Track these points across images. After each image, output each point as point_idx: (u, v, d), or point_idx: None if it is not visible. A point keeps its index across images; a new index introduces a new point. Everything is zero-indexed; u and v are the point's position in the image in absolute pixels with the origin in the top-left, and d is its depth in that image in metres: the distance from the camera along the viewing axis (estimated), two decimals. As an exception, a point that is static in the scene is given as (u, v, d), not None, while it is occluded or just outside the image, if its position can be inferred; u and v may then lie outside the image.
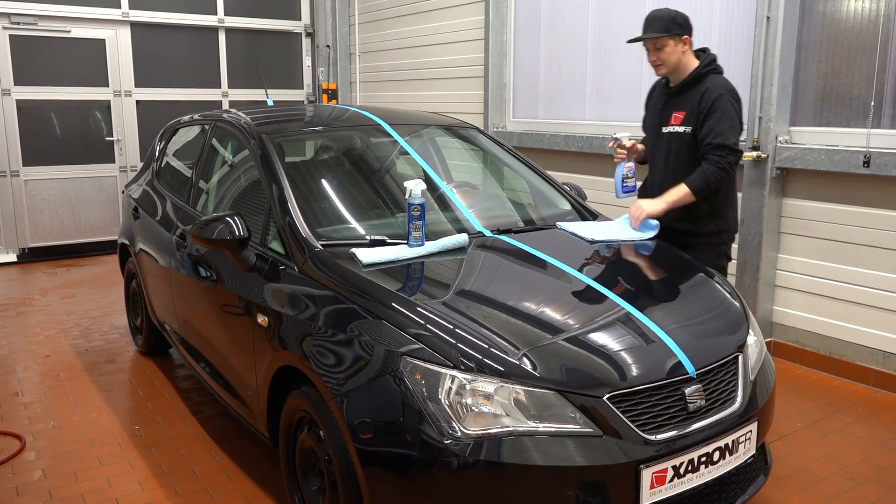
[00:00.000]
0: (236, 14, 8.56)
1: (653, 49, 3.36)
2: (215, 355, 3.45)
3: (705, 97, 3.30)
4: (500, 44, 6.73)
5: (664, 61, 3.37)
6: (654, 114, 3.57)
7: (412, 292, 2.63)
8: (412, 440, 2.17)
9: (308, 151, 3.97)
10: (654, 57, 3.38)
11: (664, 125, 3.47)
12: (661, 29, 3.32)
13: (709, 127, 3.27)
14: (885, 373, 4.21)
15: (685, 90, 3.40)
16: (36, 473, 3.31)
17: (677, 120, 3.40)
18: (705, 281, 2.99)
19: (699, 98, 3.32)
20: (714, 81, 3.35)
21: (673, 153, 3.44)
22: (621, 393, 2.23)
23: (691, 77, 3.38)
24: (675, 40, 3.34)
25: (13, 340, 5.15)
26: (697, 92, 3.34)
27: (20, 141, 7.49)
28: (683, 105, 3.39)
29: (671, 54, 3.35)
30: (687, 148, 3.38)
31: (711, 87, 3.31)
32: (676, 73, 3.41)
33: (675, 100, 3.44)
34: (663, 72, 3.42)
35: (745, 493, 2.54)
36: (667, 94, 3.48)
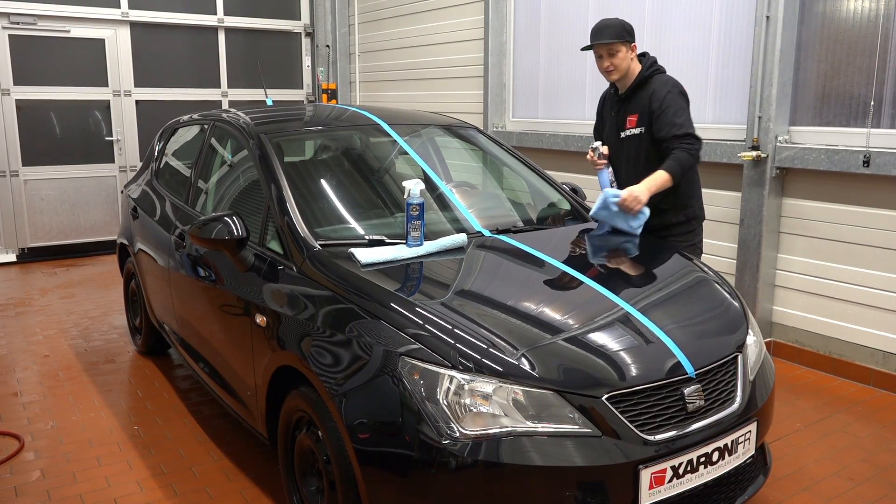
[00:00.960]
0: (236, 14, 8.56)
1: (606, 55, 3.50)
2: (214, 355, 3.45)
3: (655, 96, 3.45)
4: (500, 43, 6.72)
5: (616, 66, 3.50)
6: (610, 122, 3.71)
7: (411, 292, 2.63)
8: (410, 440, 2.17)
9: (307, 151, 3.97)
10: (608, 63, 3.50)
11: (621, 130, 3.61)
12: (614, 35, 3.46)
13: (668, 122, 3.41)
14: (884, 373, 4.21)
15: (634, 94, 3.56)
16: (35, 473, 3.31)
17: (632, 123, 3.56)
18: (704, 281, 2.99)
19: (649, 98, 3.48)
20: (659, 80, 3.51)
21: (634, 155, 3.57)
22: (620, 393, 2.22)
23: (638, 81, 3.54)
24: (626, 47, 3.49)
25: (12, 340, 5.15)
26: (646, 93, 3.50)
27: (20, 141, 7.49)
28: (635, 108, 3.54)
29: (623, 60, 3.50)
30: (646, 147, 3.51)
31: (658, 87, 3.48)
32: (625, 78, 3.55)
33: (627, 104, 3.59)
34: (615, 77, 3.54)
35: (745, 493, 2.54)
36: (619, 100, 3.63)
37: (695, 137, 3.44)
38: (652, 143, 3.49)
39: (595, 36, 3.51)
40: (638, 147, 3.55)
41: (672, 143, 3.40)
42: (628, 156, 3.61)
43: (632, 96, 3.57)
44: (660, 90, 3.46)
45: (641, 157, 3.54)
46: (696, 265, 3.13)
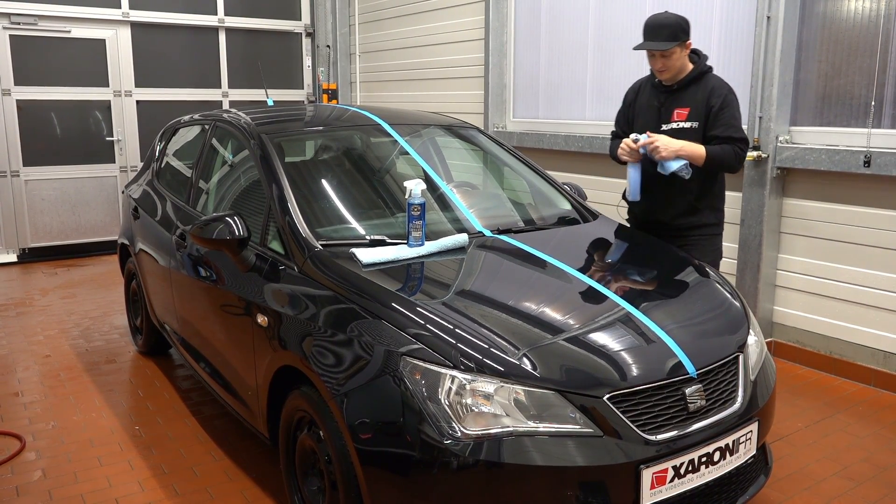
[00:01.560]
0: (236, 14, 8.56)
1: (659, 56, 3.38)
2: (215, 355, 3.45)
3: (715, 94, 3.38)
4: (501, 44, 6.72)
5: (669, 67, 3.40)
6: (648, 113, 3.59)
7: (412, 292, 2.63)
8: (412, 440, 2.17)
9: (308, 151, 3.97)
10: (661, 64, 3.41)
11: (664, 122, 3.50)
12: (670, 37, 3.33)
13: (726, 122, 3.37)
14: (885, 373, 4.21)
15: (686, 88, 3.46)
16: (36, 473, 3.31)
17: (681, 116, 3.46)
18: (705, 281, 2.99)
19: (707, 95, 3.40)
20: (716, 80, 3.45)
21: None
22: (621, 393, 2.22)
23: (693, 76, 3.44)
24: (682, 47, 3.38)
25: (13, 340, 5.15)
26: (702, 89, 3.42)
27: (20, 141, 7.49)
28: (687, 102, 3.45)
29: (677, 61, 3.39)
30: (693, 142, 3.42)
31: (717, 86, 3.41)
32: (678, 74, 3.46)
33: (676, 97, 3.48)
34: (666, 76, 3.45)
35: (746, 493, 2.54)
36: (664, 92, 3.52)
37: (746, 143, 3.42)
38: (699, 139, 3.42)
39: (649, 35, 3.38)
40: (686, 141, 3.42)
41: (726, 142, 3.37)
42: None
43: (683, 89, 3.46)
44: (719, 88, 3.40)
45: None
46: (696, 265, 3.14)
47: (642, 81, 3.70)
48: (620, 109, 3.83)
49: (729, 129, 3.38)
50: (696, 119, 3.43)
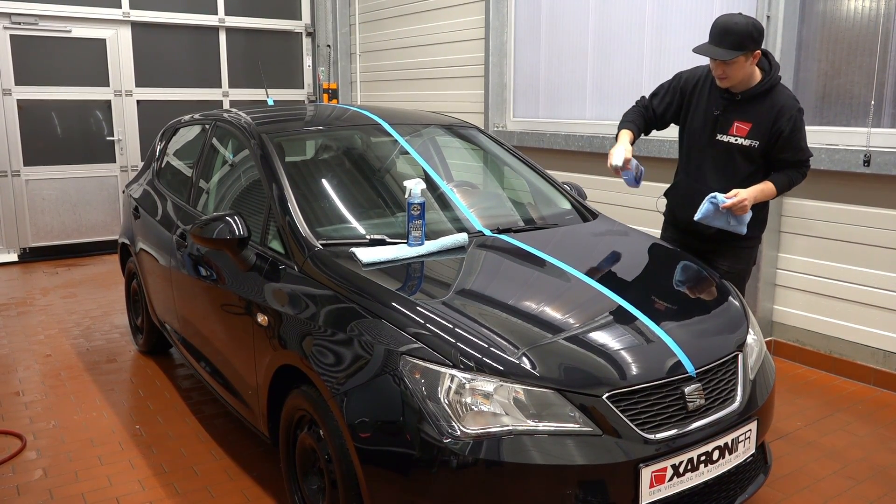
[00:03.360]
0: (237, 14, 8.56)
1: (720, 63, 3.12)
2: (215, 355, 3.46)
3: (784, 114, 3.13)
4: (501, 43, 6.73)
5: (730, 76, 3.13)
6: (703, 116, 3.31)
7: (412, 292, 2.64)
8: (412, 439, 2.18)
9: (308, 151, 3.98)
10: (721, 71, 3.13)
11: (721, 133, 3.25)
12: (734, 46, 3.03)
13: (796, 146, 3.18)
14: (885, 372, 4.21)
15: (752, 100, 3.19)
16: (37, 472, 3.32)
17: (741, 131, 3.20)
18: (705, 280, 3.00)
19: (774, 115, 3.14)
20: (784, 96, 3.19)
21: (730, 163, 3.26)
22: (621, 392, 2.23)
23: (763, 88, 3.17)
24: (747, 56, 3.07)
25: (14, 340, 5.16)
26: (769, 106, 3.16)
27: (21, 141, 7.50)
28: (750, 116, 3.19)
29: (739, 70, 3.11)
30: (749, 160, 3.23)
31: (787, 103, 3.15)
32: (741, 84, 3.19)
33: (739, 107, 3.21)
34: (726, 85, 3.18)
35: (745, 492, 2.55)
36: (727, 99, 3.23)
37: (809, 164, 3.26)
38: (759, 158, 3.21)
39: (714, 39, 3.09)
40: (739, 158, 3.24)
41: (794, 166, 3.21)
42: (718, 162, 3.29)
43: (748, 102, 3.18)
44: (789, 108, 3.13)
45: (739, 170, 3.25)
46: (696, 265, 3.14)
47: (702, 75, 3.36)
48: (665, 86, 3.47)
49: (798, 153, 3.19)
50: (758, 138, 3.17)
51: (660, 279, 3.02)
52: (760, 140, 3.18)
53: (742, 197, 3.12)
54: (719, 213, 3.18)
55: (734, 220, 3.19)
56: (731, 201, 3.12)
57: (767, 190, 3.20)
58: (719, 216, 3.19)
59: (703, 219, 3.20)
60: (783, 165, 3.23)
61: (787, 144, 3.17)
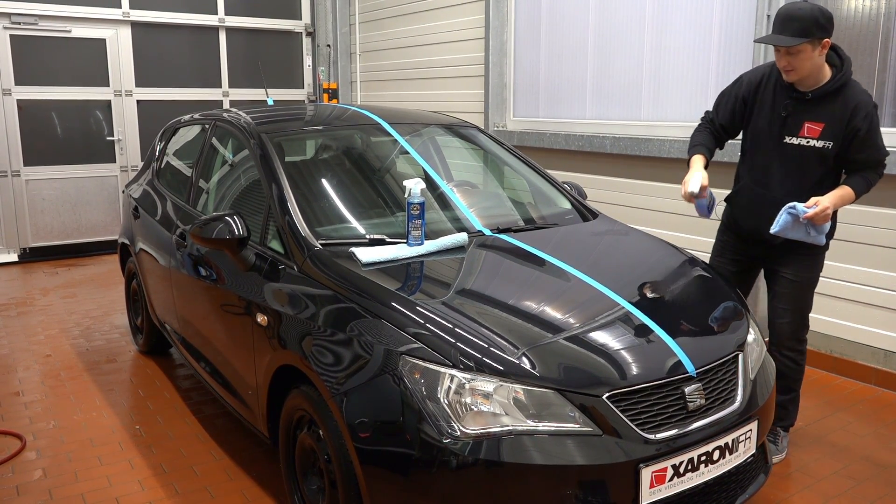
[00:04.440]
0: (237, 13, 8.56)
1: (785, 53, 2.91)
2: (215, 355, 3.45)
3: (860, 113, 2.93)
4: (501, 43, 6.72)
5: (796, 68, 2.92)
6: (771, 117, 3.11)
7: (411, 291, 2.63)
8: (411, 439, 2.17)
9: (308, 151, 3.98)
10: (786, 62, 2.92)
11: (790, 135, 3.06)
12: (798, 32, 2.83)
13: (873, 145, 2.99)
14: (885, 371, 4.21)
15: (823, 98, 2.99)
16: (36, 473, 3.32)
17: (813, 132, 3.00)
18: (705, 280, 2.99)
19: (849, 113, 2.94)
20: (857, 92, 2.98)
21: (801, 167, 3.07)
22: (621, 392, 2.22)
23: (836, 86, 2.97)
24: (814, 45, 2.86)
25: (14, 340, 5.16)
26: (842, 104, 2.96)
27: (21, 141, 7.49)
28: (822, 116, 2.99)
29: (806, 60, 2.89)
30: (822, 163, 3.04)
31: (862, 100, 2.95)
32: (809, 78, 2.98)
33: (809, 107, 3.01)
34: (793, 78, 2.97)
35: (746, 492, 2.54)
36: (796, 99, 3.03)
37: (884, 163, 3.05)
38: (832, 160, 3.03)
39: (777, 28, 2.90)
40: (811, 161, 3.04)
41: (870, 166, 3.03)
42: (789, 165, 3.09)
43: (819, 100, 2.99)
44: (865, 105, 2.93)
45: (810, 173, 3.06)
46: (696, 264, 3.13)
47: (765, 73, 3.15)
48: (726, 95, 3.27)
49: (876, 153, 3.00)
50: (832, 139, 2.98)
51: (660, 279, 3.02)
52: (835, 141, 2.98)
53: (824, 205, 2.91)
54: (798, 225, 2.97)
55: (814, 230, 2.99)
56: (813, 211, 2.90)
57: (847, 195, 2.99)
58: (798, 227, 2.98)
59: (780, 231, 2.99)
60: (859, 167, 3.03)
61: (864, 144, 2.96)
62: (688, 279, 3.00)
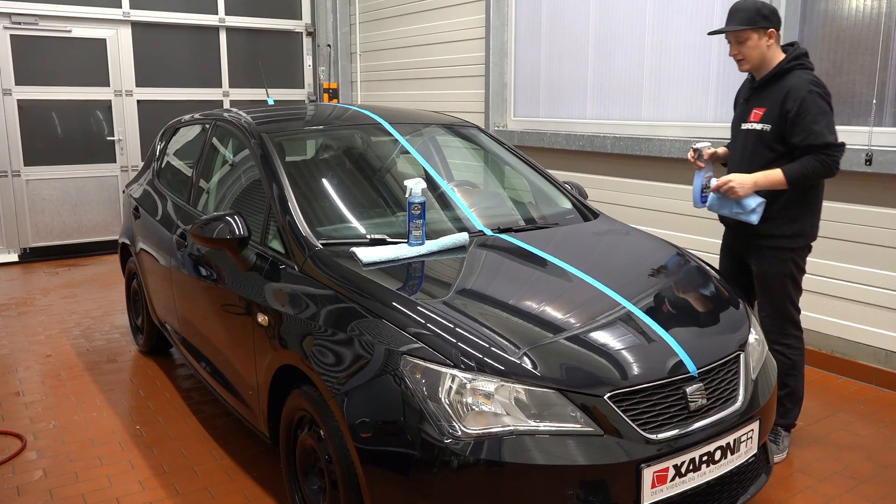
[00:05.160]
0: (237, 13, 8.56)
1: (734, 42, 3.18)
2: (216, 355, 3.45)
3: (791, 96, 3.08)
4: (501, 42, 6.72)
5: (746, 56, 3.17)
6: (738, 109, 3.41)
7: (412, 291, 2.63)
8: (412, 439, 2.17)
9: (308, 151, 3.97)
10: (736, 51, 3.19)
11: (744, 121, 3.30)
12: (743, 21, 3.12)
13: (805, 128, 3.05)
14: (886, 371, 4.20)
15: (768, 85, 3.21)
16: (37, 473, 3.32)
17: (756, 116, 3.22)
18: (706, 279, 2.99)
19: (783, 96, 3.11)
20: (799, 78, 3.12)
21: (752, 152, 3.23)
22: (622, 392, 2.22)
23: (774, 72, 3.18)
24: (760, 34, 3.12)
25: (14, 340, 5.16)
26: (781, 89, 3.13)
27: (21, 141, 7.50)
28: (765, 101, 3.20)
29: (753, 49, 3.15)
30: (763, 146, 3.18)
31: (797, 85, 3.09)
32: (761, 68, 3.21)
33: (758, 95, 3.25)
34: (745, 67, 3.22)
35: (747, 492, 2.54)
36: (751, 89, 3.30)
37: (835, 146, 3.05)
38: (775, 143, 3.15)
39: (726, 20, 3.21)
40: (755, 144, 3.21)
41: (808, 151, 3.06)
42: (744, 151, 3.28)
43: (765, 87, 3.21)
44: (798, 88, 3.07)
45: (756, 156, 3.20)
46: (697, 264, 3.13)
47: (748, 76, 3.43)
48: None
49: (809, 137, 3.04)
50: (769, 122, 3.15)
51: (661, 279, 3.01)
52: (772, 124, 3.13)
53: (726, 179, 3.12)
54: (726, 200, 3.15)
55: (738, 207, 3.15)
56: (715, 182, 3.14)
57: (773, 176, 3.08)
58: (725, 202, 3.16)
59: (709, 206, 3.21)
60: (801, 152, 3.09)
61: (795, 126, 3.07)
62: (689, 279, 3.00)
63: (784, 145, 3.13)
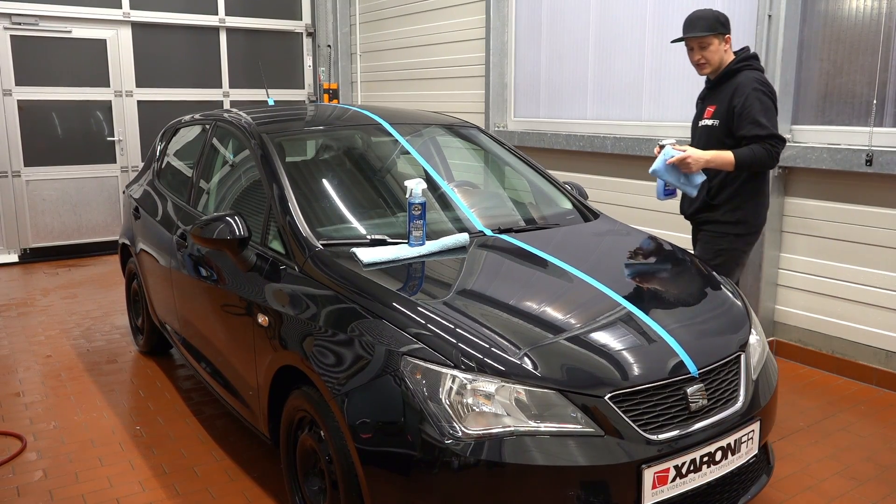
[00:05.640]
0: (237, 14, 8.56)
1: (697, 48, 3.44)
2: (216, 355, 3.45)
3: (738, 92, 3.36)
4: (501, 43, 6.72)
5: (708, 60, 3.45)
6: (698, 108, 3.67)
7: (413, 292, 2.63)
8: (413, 440, 2.17)
9: (309, 151, 3.97)
10: (699, 56, 3.45)
11: (700, 119, 3.58)
12: (706, 28, 3.39)
13: (751, 121, 3.31)
14: (887, 372, 4.20)
15: (719, 84, 3.49)
16: (37, 474, 3.31)
17: (709, 113, 3.50)
18: (707, 280, 2.99)
19: (731, 93, 3.39)
20: (747, 77, 3.39)
21: (702, 145, 3.49)
22: (623, 392, 2.22)
23: (725, 71, 3.46)
24: (719, 39, 3.43)
25: (14, 341, 5.15)
26: (730, 87, 3.42)
27: (21, 141, 7.50)
28: (717, 99, 3.48)
29: (714, 53, 3.43)
30: (716, 141, 3.43)
31: (743, 83, 3.37)
32: (719, 70, 3.49)
33: (712, 94, 3.54)
34: (707, 70, 3.50)
35: (748, 492, 2.54)
36: (707, 87, 3.59)
37: (778, 138, 3.32)
38: (724, 138, 3.41)
39: (687, 28, 3.47)
40: (708, 140, 3.48)
41: (754, 141, 3.32)
42: (700, 146, 3.50)
43: (717, 86, 3.51)
44: (745, 85, 3.36)
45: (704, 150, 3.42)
46: (698, 265, 3.13)
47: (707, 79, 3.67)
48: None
49: (754, 128, 3.30)
50: (719, 117, 3.44)
51: (662, 279, 3.01)
52: (721, 119, 3.42)
53: (689, 153, 3.29)
54: (674, 170, 3.33)
55: (685, 178, 3.35)
56: (678, 156, 3.28)
57: (724, 156, 3.31)
58: (674, 173, 3.35)
59: (657, 172, 3.36)
60: (746, 143, 3.34)
61: (741, 120, 3.33)
62: (689, 279, 3.00)
63: (732, 139, 3.39)
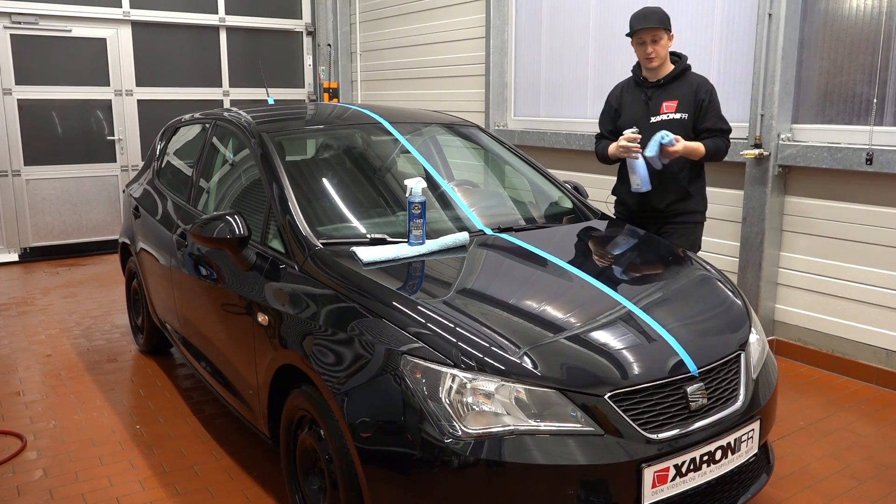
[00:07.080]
0: (237, 13, 8.56)
1: (650, 42, 3.63)
2: (216, 354, 3.45)
3: (702, 89, 3.68)
4: (502, 42, 6.71)
5: (658, 54, 3.65)
6: (636, 108, 3.80)
7: (413, 291, 2.63)
8: (413, 439, 2.17)
9: (309, 150, 3.97)
10: (651, 50, 3.64)
11: (654, 115, 3.73)
12: (659, 21, 3.60)
13: (716, 115, 3.69)
14: (887, 371, 4.20)
15: (671, 83, 3.72)
16: (37, 473, 3.31)
17: (670, 108, 3.71)
18: (707, 279, 2.99)
19: (694, 90, 3.68)
20: (699, 76, 3.75)
21: None
22: (623, 391, 2.22)
23: (679, 71, 3.72)
24: (668, 34, 3.65)
25: (15, 340, 5.15)
26: (688, 84, 3.70)
27: (21, 140, 7.50)
28: (674, 95, 3.71)
29: (664, 48, 3.66)
30: (684, 132, 3.64)
31: (702, 81, 3.72)
32: (661, 68, 3.72)
33: (663, 91, 3.73)
34: (656, 64, 3.68)
35: (748, 492, 2.53)
36: (651, 87, 3.75)
37: (729, 134, 3.73)
38: (689, 129, 3.68)
39: (641, 21, 3.62)
40: (676, 131, 3.63)
41: (715, 134, 3.66)
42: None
43: (669, 84, 3.72)
44: (705, 83, 3.70)
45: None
46: (698, 264, 3.13)
47: (623, 84, 3.92)
48: (604, 112, 3.99)
49: (719, 122, 3.68)
50: (686, 111, 3.68)
51: (661, 278, 3.01)
52: (688, 112, 3.68)
53: (683, 143, 3.57)
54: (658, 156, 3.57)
55: (661, 160, 3.61)
56: (677, 146, 3.52)
57: (697, 147, 3.63)
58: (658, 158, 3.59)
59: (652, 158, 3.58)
60: (711, 135, 3.67)
61: (707, 113, 3.67)
62: (689, 278, 2.99)
63: (694, 131, 3.70)
